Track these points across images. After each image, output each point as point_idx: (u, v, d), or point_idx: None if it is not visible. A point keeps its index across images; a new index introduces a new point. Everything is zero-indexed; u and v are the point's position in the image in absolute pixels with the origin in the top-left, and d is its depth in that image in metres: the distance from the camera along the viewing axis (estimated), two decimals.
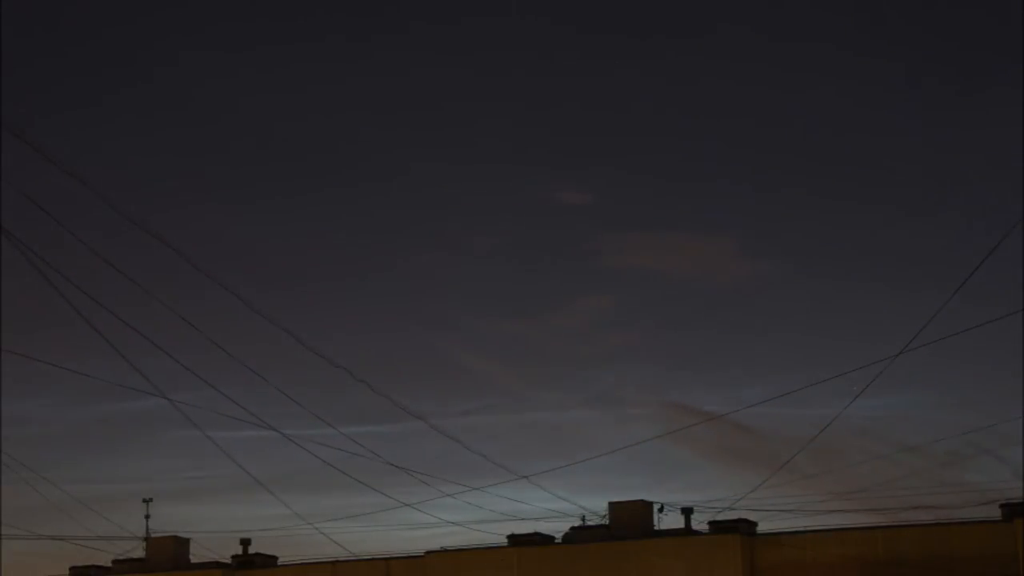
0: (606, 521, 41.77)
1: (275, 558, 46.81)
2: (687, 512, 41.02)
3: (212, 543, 47.45)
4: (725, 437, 54.62)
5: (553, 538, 42.33)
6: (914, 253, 65.80)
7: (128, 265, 30.82)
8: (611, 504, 41.85)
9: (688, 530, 40.88)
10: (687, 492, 65.15)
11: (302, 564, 45.53)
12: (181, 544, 47.74)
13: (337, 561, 44.45)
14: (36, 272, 26.38)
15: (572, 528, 42.19)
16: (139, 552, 47.89)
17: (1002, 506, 37.93)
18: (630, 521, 41.23)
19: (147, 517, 48.44)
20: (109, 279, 30.61)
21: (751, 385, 61.61)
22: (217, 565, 46.44)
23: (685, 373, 67.45)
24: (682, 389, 68.26)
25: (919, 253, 65.69)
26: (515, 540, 42.24)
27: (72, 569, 48.33)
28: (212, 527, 57.70)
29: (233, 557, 46.70)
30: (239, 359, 34.37)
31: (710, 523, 40.55)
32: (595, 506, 42.10)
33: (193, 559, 47.76)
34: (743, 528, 39.89)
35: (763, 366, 65.10)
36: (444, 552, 42.73)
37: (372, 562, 44.20)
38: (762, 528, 40.28)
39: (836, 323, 67.37)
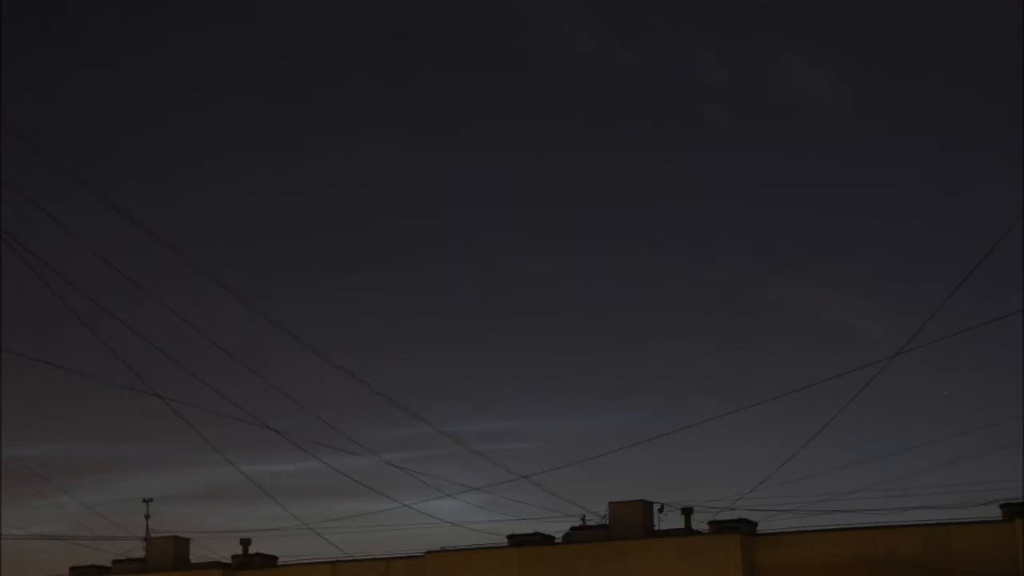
0: (606, 521, 41.75)
1: (275, 558, 46.78)
2: (687, 512, 41.01)
3: (212, 543, 47.50)
4: (724, 437, 54.73)
5: (553, 538, 42.32)
6: (913, 253, 65.79)
7: (127, 265, 30.81)
8: (611, 504, 41.82)
9: (688, 530, 40.86)
10: (687, 492, 65.04)
11: (302, 564, 45.50)
12: (181, 544, 47.71)
13: (337, 561, 44.41)
14: (34, 273, 26.34)
15: (572, 528, 42.18)
16: (139, 552, 47.88)
17: (1002, 506, 37.92)
18: (630, 521, 41.21)
19: (147, 517, 48.47)
20: (108, 280, 30.61)
21: (750, 385, 61.51)
22: (217, 565, 46.42)
23: (684, 373, 67.40)
24: (681, 388, 68.16)
25: (918, 253, 65.69)
26: (515, 540, 42.22)
27: (72, 569, 48.31)
28: (212, 527, 57.74)
29: (233, 557, 46.67)
30: (238, 359, 34.31)
31: (710, 523, 40.54)
32: (595, 506, 42.16)
33: (193, 559, 47.73)
34: (743, 528, 39.88)
35: (761, 366, 65.04)
36: (444, 552, 42.71)
37: (372, 562, 44.18)
38: (762, 528, 40.28)
39: (835, 322, 67.35)
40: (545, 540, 42.21)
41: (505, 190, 72.06)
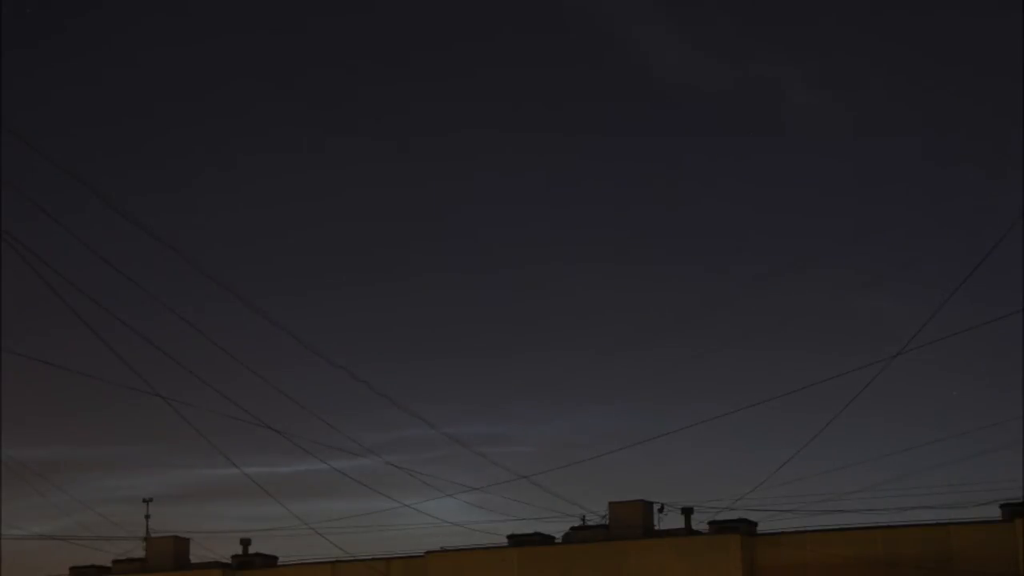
0: (606, 521, 41.75)
1: (275, 558, 46.77)
2: (687, 512, 41.03)
3: (212, 543, 47.50)
4: (724, 437, 54.76)
5: (553, 538, 42.32)
6: (914, 253, 65.81)
7: (128, 266, 30.83)
8: (611, 504, 41.83)
9: (688, 530, 40.87)
10: (687, 492, 65.02)
11: (302, 564, 45.50)
12: (181, 544, 47.70)
13: (337, 561, 44.40)
14: (35, 273, 26.36)
15: (572, 528, 42.18)
16: (139, 552, 47.87)
17: (1002, 506, 37.93)
18: (630, 521, 41.21)
19: (147, 517, 48.45)
20: (109, 280, 30.62)
21: (750, 385, 61.47)
22: (217, 565, 46.41)
23: (683, 373, 67.38)
24: (681, 388, 68.17)
25: (919, 253, 65.70)
26: (515, 540, 42.23)
27: (72, 569, 48.30)
28: (212, 527, 57.77)
29: (233, 557, 46.66)
30: (239, 359, 34.32)
31: (710, 523, 40.55)
32: (595, 506, 42.16)
33: (193, 559, 47.73)
34: (743, 528, 39.88)
35: (761, 366, 65.00)
36: (444, 552, 42.72)
37: (372, 562, 44.18)
38: (762, 528, 40.29)
39: (835, 323, 67.35)
40: (545, 540, 42.21)
41: (502, 194, 72.23)
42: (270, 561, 46.64)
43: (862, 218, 67.93)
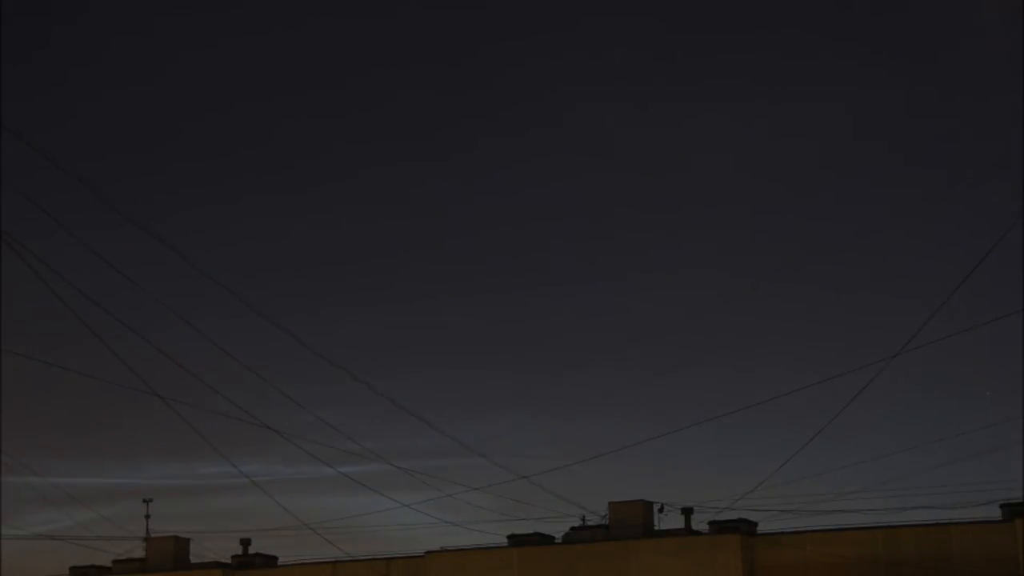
0: (606, 521, 41.77)
1: (275, 558, 46.79)
2: (687, 512, 41.04)
3: (212, 543, 47.51)
4: (724, 437, 54.78)
5: (553, 538, 42.33)
6: (914, 253, 65.84)
7: (128, 267, 30.86)
8: (611, 504, 41.84)
9: (688, 530, 40.89)
10: (687, 492, 65.04)
11: (302, 564, 45.51)
12: (181, 544, 47.71)
13: (337, 561, 44.41)
14: (35, 274, 26.40)
15: (572, 528, 42.19)
16: (139, 552, 47.88)
17: (1002, 506, 37.95)
18: (630, 521, 41.23)
19: (147, 517, 48.46)
20: (110, 281, 30.64)
21: (750, 385, 61.52)
22: (217, 565, 46.41)
23: (684, 372, 67.42)
24: (681, 388, 68.20)
25: (919, 253, 65.73)
26: (515, 540, 42.24)
27: (72, 569, 48.31)
28: (212, 527, 57.80)
29: (233, 557, 46.67)
30: (239, 360, 34.37)
31: (710, 523, 40.56)
32: (595, 506, 42.17)
33: (193, 559, 47.73)
34: (743, 528, 39.90)
35: (761, 366, 65.05)
36: (444, 552, 42.74)
37: (372, 562, 44.19)
38: (762, 528, 40.30)
39: (835, 323, 67.37)
40: (545, 540, 42.22)
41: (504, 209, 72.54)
42: (270, 561, 46.66)
43: (862, 219, 68.01)
